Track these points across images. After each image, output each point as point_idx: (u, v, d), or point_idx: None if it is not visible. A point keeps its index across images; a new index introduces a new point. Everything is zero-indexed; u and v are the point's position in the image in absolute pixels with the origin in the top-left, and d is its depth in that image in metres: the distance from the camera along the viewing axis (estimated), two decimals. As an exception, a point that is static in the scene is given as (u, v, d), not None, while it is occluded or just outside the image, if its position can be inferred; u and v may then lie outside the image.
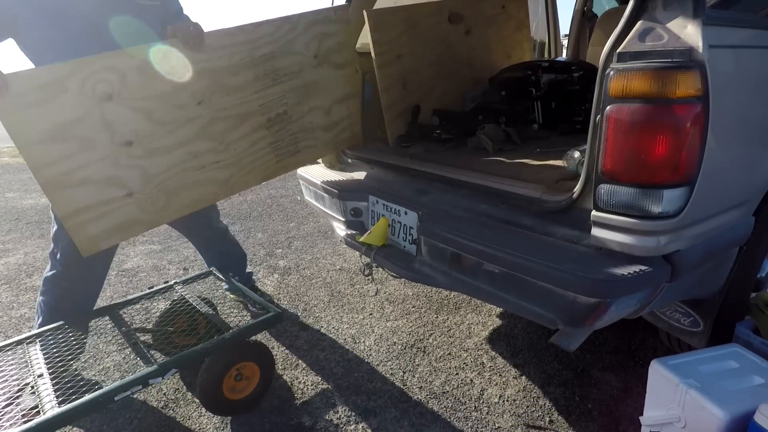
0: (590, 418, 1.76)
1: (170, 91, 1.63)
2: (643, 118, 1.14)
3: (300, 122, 2.05)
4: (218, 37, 1.72)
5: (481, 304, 2.56)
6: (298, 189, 4.97)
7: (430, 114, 2.60)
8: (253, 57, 1.81)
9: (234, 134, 1.83)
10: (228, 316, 2.38)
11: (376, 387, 1.97)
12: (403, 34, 2.44)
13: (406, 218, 1.82)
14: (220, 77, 1.75)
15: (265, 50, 1.84)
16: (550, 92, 2.53)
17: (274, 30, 1.85)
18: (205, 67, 1.70)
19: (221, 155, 1.81)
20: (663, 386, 1.37)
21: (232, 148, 1.84)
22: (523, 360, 2.10)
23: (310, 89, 2.04)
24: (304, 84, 2.01)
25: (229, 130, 1.81)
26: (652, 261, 1.23)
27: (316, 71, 2.04)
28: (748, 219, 1.52)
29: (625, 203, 1.21)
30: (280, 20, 1.88)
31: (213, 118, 1.75)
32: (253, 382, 1.86)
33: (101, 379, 2.04)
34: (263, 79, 1.87)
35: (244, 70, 1.80)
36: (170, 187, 1.71)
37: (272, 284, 2.94)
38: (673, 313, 1.68)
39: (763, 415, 1.16)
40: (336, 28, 2.07)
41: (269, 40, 1.85)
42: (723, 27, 1.24)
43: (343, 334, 2.36)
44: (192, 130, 1.71)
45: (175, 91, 1.64)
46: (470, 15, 2.80)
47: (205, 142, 1.75)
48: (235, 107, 1.81)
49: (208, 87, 1.72)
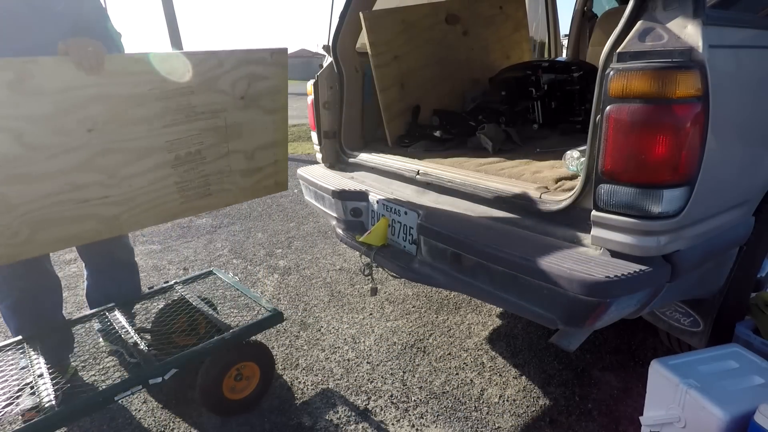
0: (590, 418, 1.76)
1: (50, 113, 1.42)
2: (643, 118, 1.14)
3: (215, 164, 1.86)
4: (123, 62, 1.54)
5: (481, 304, 2.56)
6: (298, 186, 4.98)
7: (429, 114, 2.61)
8: (164, 89, 1.62)
9: (130, 169, 1.63)
10: (228, 316, 2.38)
11: (376, 387, 1.97)
12: (400, 35, 2.45)
13: (406, 218, 1.82)
14: (119, 106, 1.55)
15: (182, 85, 1.66)
16: (550, 92, 2.53)
17: (196, 63, 1.67)
18: (102, 92, 1.50)
19: (111, 190, 1.62)
20: (663, 386, 1.37)
21: (126, 184, 1.64)
22: (523, 360, 2.10)
23: (231, 131, 1.86)
24: (225, 125, 1.83)
25: (124, 165, 1.62)
26: (652, 261, 1.23)
27: (241, 113, 1.86)
28: (748, 219, 1.52)
29: (625, 203, 1.22)
30: (205, 54, 1.71)
31: (105, 149, 1.56)
32: (253, 382, 1.87)
33: (101, 379, 2.04)
34: (175, 113, 1.68)
35: (151, 101, 1.61)
36: (38, 220, 1.50)
37: (272, 284, 2.94)
38: (673, 313, 1.68)
39: (763, 415, 1.16)
40: (270, 71, 1.88)
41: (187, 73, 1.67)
42: (723, 27, 1.24)
43: (343, 334, 2.37)
44: (75, 159, 1.51)
45: (57, 113, 1.43)
46: (467, 16, 2.80)
47: (91, 174, 1.55)
48: (135, 140, 1.62)
49: (102, 114, 1.52)
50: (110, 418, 1.85)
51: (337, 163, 2.47)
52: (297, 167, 2.62)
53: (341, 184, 2.18)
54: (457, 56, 2.79)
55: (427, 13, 2.60)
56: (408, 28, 2.49)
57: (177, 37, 7.96)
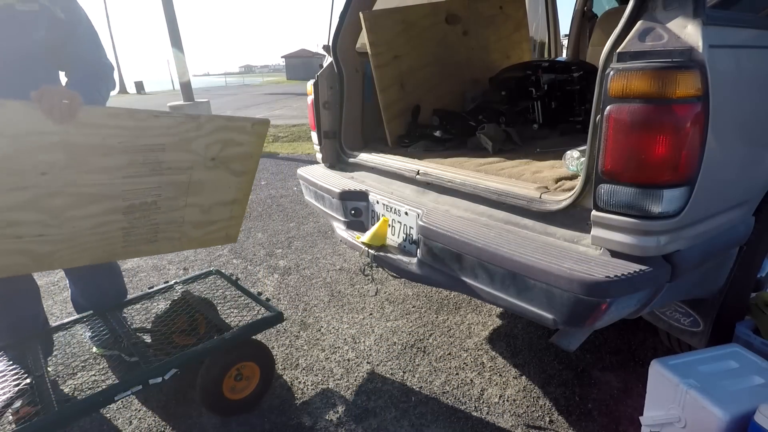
0: (590, 418, 1.76)
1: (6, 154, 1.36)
2: (643, 117, 1.14)
3: (168, 215, 1.81)
4: (98, 116, 1.48)
5: (481, 304, 2.56)
6: (298, 188, 4.98)
7: (429, 114, 2.61)
8: (135, 144, 1.57)
9: (76, 212, 1.58)
10: (228, 316, 2.38)
11: (376, 387, 1.97)
12: (400, 35, 2.45)
13: (406, 218, 1.82)
14: (82, 154, 1.49)
15: (155, 141, 1.61)
16: (550, 92, 2.53)
17: (174, 125, 1.63)
18: (67, 140, 1.44)
19: (50, 230, 1.56)
20: (663, 386, 1.37)
21: (68, 225, 1.59)
22: (523, 360, 2.10)
23: (194, 187, 1.81)
24: (188, 181, 1.78)
25: (71, 208, 1.56)
26: (652, 261, 1.23)
27: (208, 172, 1.81)
28: (748, 219, 1.52)
29: (625, 203, 1.22)
30: (185, 117, 1.66)
31: (55, 192, 1.50)
32: (253, 382, 1.87)
33: (101, 379, 2.04)
34: (140, 166, 1.62)
35: (118, 153, 1.55)
36: None
37: (272, 284, 2.94)
38: (673, 313, 1.68)
39: (763, 415, 1.16)
40: (247, 139, 1.84)
41: (163, 133, 1.62)
42: (723, 27, 1.24)
43: (343, 334, 2.37)
44: (19, 198, 1.45)
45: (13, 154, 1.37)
46: (467, 16, 2.80)
47: (33, 213, 1.50)
48: (91, 186, 1.56)
49: (61, 160, 1.46)
50: (110, 418, 1.85)
51: (337, 163, 2.47)
52: (297, 167, 2.62)
53: (341, 184, 2.18)
54: (457, 56, 2.79)
55: (427, 13, 2.61)
56: (408, 28, 2.49)
57: (177, 37, 7.96)
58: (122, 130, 1.53)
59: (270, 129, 8.76)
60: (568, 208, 1.40)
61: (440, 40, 2.68)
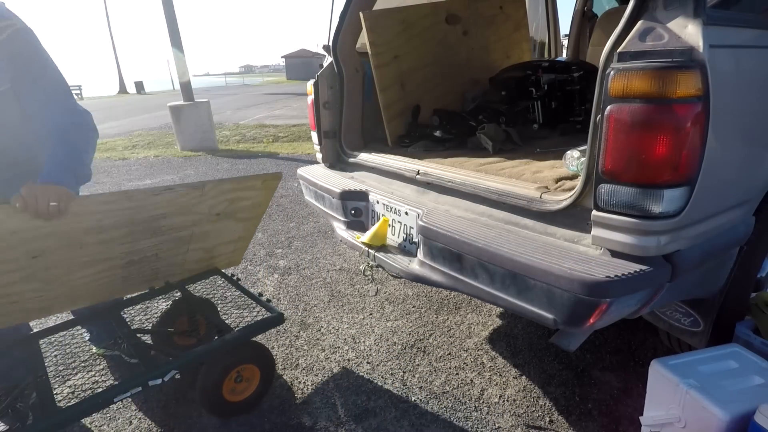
0: (590, 418, 1.76)
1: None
2: (643, 117, 1.14)
3: (169, 260, 1.79)
4: (92, 204, 1.42)
5: (481, 304, 2.56)
6: (298, 188, 4.98)
7: (429, 114, 2.61)
8: (134, 218, 1.53)
9: (73, 276, 1.56)
10: (228, 317, 2.38)
11: (376, 387, 1.97)
12: (400, 35, 2.45)
13: (406, 218, 1.82)
14: (77, 236, 1.45)
15: (156, 212, 1.56)
16: (550, 92, 2.53)
17: (175, 197, 1.58)
18: (59, 229, 1.39)
19: (47, 292, 1.55)
20: (663, 386, 1.37)
21: (66, 286, 1.58)
22: (523, 360, 2.10)
23: (196, 236, 1.77)
24: (190, 234, 1.74)
25: (66, 274, 1.54)
26: (653, 261, 1.23)
27: (212, 225, 1.78)
28: (748, 219, 1.52)
29: (625, 203, 1.21)
30: (188, 188, 1.59)
31: (49, 266, 1.48)
32: (253, 384, 1.86)
33: (101, 379, 2.04)
34: (139, 233, 1.59)
35: (114, 229, 1.51)
36: None
37: (272, 284, 2.93)
38: (674, 313, 1.68)
39: (763, 415, 1.16)
40: (255, 194, 1.81)
41: (164, 204, 1.57)
42: (724, 27, 1.23)
43: (343, 334, 2.36)
44: (12, 277, 1.44)
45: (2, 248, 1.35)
46: (467, 16, 2.80)
47: (28, 285, 1.49)
48: (87, 256, 1.53)
49: (52, 245, 1.42)
50: (110, 418, 1.85)
51: (337, 163, 2.47)
52: (297, 167, 2.62)
53: (341, 184, 2.18)
54: (457, 56, 2.79)
55: (427, 13, 2.60)
56: (408, 28, 2.49)
57: (177, 37, 7.95)
58: (119, 211, 1.48)
59: (270, 129, 8.76)
60: (568, 208, 1.40)
61: (440, 40, 2.68)
